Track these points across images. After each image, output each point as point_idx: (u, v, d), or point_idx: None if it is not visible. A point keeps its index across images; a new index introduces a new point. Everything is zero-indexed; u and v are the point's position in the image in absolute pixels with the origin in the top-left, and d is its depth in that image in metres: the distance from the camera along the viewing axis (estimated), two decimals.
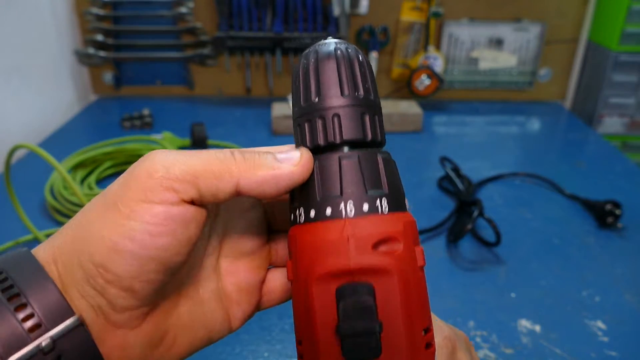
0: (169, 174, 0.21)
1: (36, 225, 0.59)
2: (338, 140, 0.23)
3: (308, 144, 0.24)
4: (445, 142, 0.93)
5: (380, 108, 0.24)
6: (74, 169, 0.74)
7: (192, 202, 0.22)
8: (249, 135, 0.91)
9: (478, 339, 0.48)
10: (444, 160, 0.75)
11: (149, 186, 0.21)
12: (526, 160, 0.87)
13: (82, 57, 1.01)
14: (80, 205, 0.62)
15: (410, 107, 0.96)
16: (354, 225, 0.21)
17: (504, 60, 1.07)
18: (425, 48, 1.00)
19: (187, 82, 1.09)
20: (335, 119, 0.23)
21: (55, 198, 0.67)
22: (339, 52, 0.24)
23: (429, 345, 0.22)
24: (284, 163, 0.23)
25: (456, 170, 0.74)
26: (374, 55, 1.01)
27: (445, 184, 0.74)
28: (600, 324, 0.50)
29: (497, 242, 0.58)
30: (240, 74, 1.07)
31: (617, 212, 0.64)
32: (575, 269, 0.58)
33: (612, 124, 1.05)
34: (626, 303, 0.53)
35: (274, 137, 0.91)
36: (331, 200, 0.22)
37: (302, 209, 0.23)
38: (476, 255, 0.60)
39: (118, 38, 1.03)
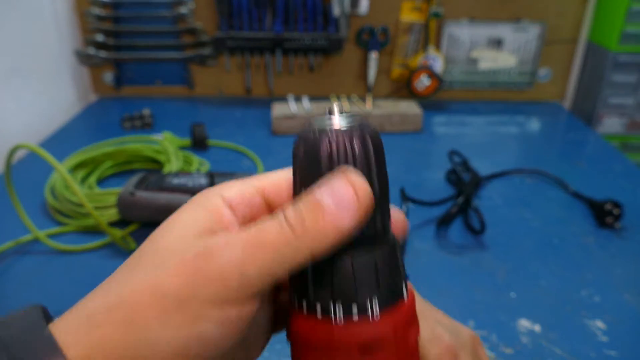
0: (244, 280, 0.19)
1: (36, 225, 0.59)
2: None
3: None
4: (445, 142, 0.93)
5: (387, 196, 0.23)
6: (74, 169, 0.74)
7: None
8: (249, 135, 0.91)
9: None
10: (452, 154, 0.78)
11: (223, 294, 0.19)
12: (526, 161, 0.87)
13: (83, 58, 1.01)
14: (80, 205, 0.63)
15: (410, 107, 0.96)
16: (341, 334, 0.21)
17: (503, 61, 1.07)
18: (425, 48, 1.01)
19: (187, 82, 1.09)
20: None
21: (55, 198, 0.67)
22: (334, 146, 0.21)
23: None
24: (340, 209, 0.20)
25: (465, 163, 0.77)
26: (373, 56, 1.01)
27: (452, 177, 0.76)
28: (600, 323, 0.50)
29: (482, 230, 0.61)
30: (240, 74, 1.07)
31: (617, 212, 0.64)
32: (575, 269, 0.58)
33: (611, 124, 1.05)
34: (626, 303, 0.53)
35: (274, 137, 0.91)
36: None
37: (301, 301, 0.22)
38: (464, 242, 0.61)
39: (118, 38, 1.03)
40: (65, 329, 0.19)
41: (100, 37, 1.01)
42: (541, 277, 0.57)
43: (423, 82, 0.98)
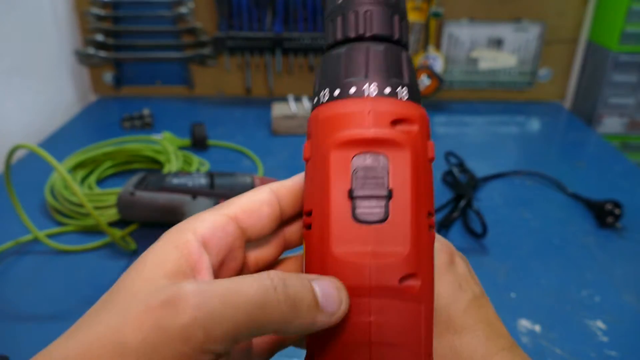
0: (209, 338, 0.18)
1: (36, 225, 0.59)
2: (368, 34, 0.24)
3: (339, 35, 0.25)
4: (445, 142, 0.93)
5: (407, 17, 0.26)
6: (74, 169, 0.74)
7: None
8: (249, 135, 0.91)
9: None
10: (448, 155, 0.77)
11: (185, 352, 0.18)
12: (526, 161, 0.87)
13: (82, 57, 1.01)
14: (80, 205, 0.63)
15: None
16: (375, 102, 0.23)
17: (503, 61, 1.07)
18: (425, 48, 1.01)
19: (187, 82, 1.09)
20: (368, 14, 0.24)
21: (55, 198, 0.67)
22: None
23: (432, 228, 0.24)
24: (325, 309, 0.21)
25: (461, 164, 0.76)
26: None
27: (448, 178, 0.75)
28: (600, 323, 0.50)
29: (484, 233, 0.60)
30: (240, 74, 1.07)
31: (617, 211, 0.64)
32: (575, 269, 0.58)
33: (611, 124, 1.05)
34: (626, 303, 0.53)
35: (274, 137, 0.91)
36: (356, 81, 0.23)
37: (327, 90, 0.24)
38: (465, 245, 0.61)
39: (118, 38, 1.03)
40: None
41: (100, 37, 1.01)
42: (541, 277, 0.57)
43: (423, 82, 0.98)
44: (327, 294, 0.21)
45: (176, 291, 0.19)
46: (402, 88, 0.23)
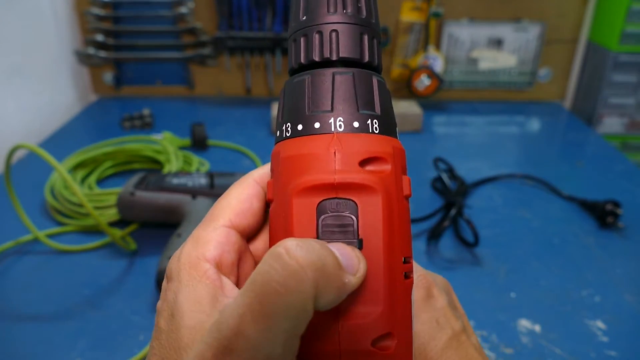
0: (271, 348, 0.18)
1: (36, 225, 0.59)
2: (334, 57, 0.22)
3: (302, 60, 0.22)
4: (445, 142, 0.93)
5: (379, 34, 0.24)
6: (74, 169, 0.74)
7: None
8: (248, 135, 0.91)
9: (478, 339, 0.48)
10: (437, 160, 0.74)
11: None
12: (526, 161, 0.87)
13: (83, 57, 1.01)
14: (80, 205, 0.63)
15: (410, 107, 0.96)
16: (342, 140, 0.21)
17: (503, 61, 1.07)
18: (425, 48, 1.01)
19: (187, 82, 1.09)
20: (333, 35, 0.22)
21: (55, 198, 0.67)
22: None
23: (407, 276, 0.22)
24: (347, 274, 0.19)
25: (450, 170, 0.74)
26: None
27: (438, 185, 0.74)
28: (600, 323, 0.50)
29: (475, 242, 0.58)
30: (240, 74, 1.07)
31: (618, 211, 0.64)
32: (575, 269, 0.58)
33: (611, 124, 1.05)
34: (626, 303, 0.53)
35: (274, 137, 0.91)
36: (321, 114, 0.21)
37: (289, 124, 0.22)
38: (455, 254, 0.60)
39: (118, 38, 1.03)
40: None
41: (100, 37, 1.01)
42: (541, 277, 0.57)
43: (423, 82, 0.98)
44: (344, 253, 0.20)
45: (223, 338, 0.18)
46: (372, 120, 0.21)
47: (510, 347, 0.47)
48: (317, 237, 0.20)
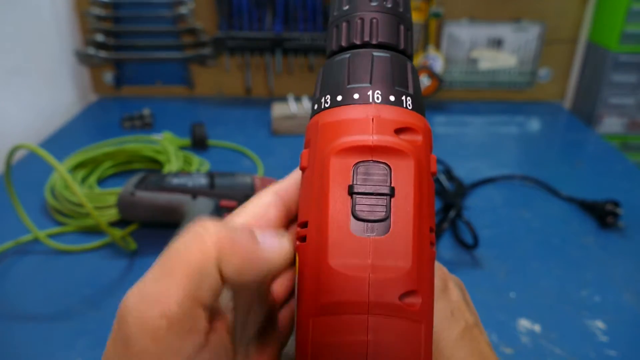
0: (173, 321, 0.18)
1: (36, 225, 0.59)
2: (374, 41, 0.24)
3: (343, 42, 0.24)
4: (445, 142, 0.93)
5: (412, 28, 0.26)
6: (74, 169, 0.74)
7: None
8: (249, 135, 0.91)
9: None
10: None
11: (164, 350, 0.18)
12: (526, 161, 0.87)
13: (83, 58, 1.01)
14: (80, 205, 0.63)
15: None
16: (379, 109, 0.22)
17: (503, 61, 1.07)
18: (425, 48, 1.01)
19: (187, 82, 1.09)
20: (374, 22, 0.24)
21: (55, 198, 0.67)
22: None
23: (433, 245, 0.22)
24: (262, 246, 0.21)
25: (448, 172, 0.74)
26: None
27: (435, 186, 0.73)
28: (600, 323, 0.50)
29: (475, 245, 0.58)
30: (240, 74, 1.07)
31: (617, 211, 0.64)
32: (575, 269, 0.58)
33: (611, 124, 1.05)
34: (626, 303, 0.53)
35: (274, 137, 0.91)
36: (360, 87, 0.23)
37: (328, 96, 0.23)
38: (454, 256, 0.60)
39: (118, 38, 1.03)
40: None
41: (100, 37, 1.01)
42: (541, 277, 0.57)
43: (423, 82, 0.98)
44: (266, 233, 0.21)
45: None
46: (406, 97, 0.23)
47: (510, 347, 0.47)
48: (351, 184, 0.21)
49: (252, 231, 0.21)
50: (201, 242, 0.19)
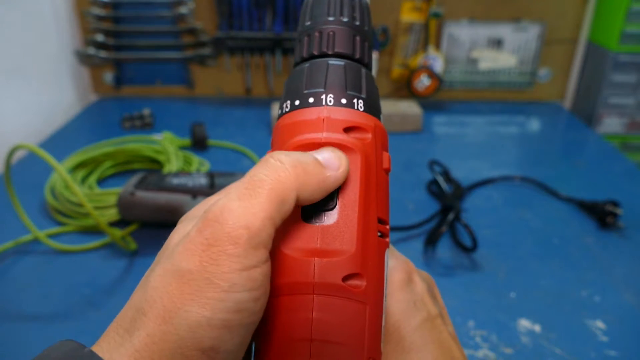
0: (252, 233, 0.20)
1: (36, 225, 0.59)
2: (330, 51, 0.26)
3: (304, 54, 0.27)
4: (445, 142, 0.93)
5: (371, 40, 0.28)
6: (74, 169, 0.74)
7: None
8: (248, 135, 0.91)
9: (478, 339, 0.48)
10: (432, 163, 0.73)
11: (240, 253, 0.20)
12: (526, 161, 0.87)
13: (83, 57, 1.01)
14: (80, 205, 0.63)
15: (410, 107, 0.96)
16: (331, 110, 0.25)
17: (503, 61, 1.07)
18: (425, 48, 1.01)
19: (187, 82, 1.09)
20: (331, 34, 0.27)
21: (55, 198, 0.67)
22: None
23: (382, 235, 0.24)
24: (329, 170, 0.23)
25: (446, 173, 0.73)
26: (374, 56, 1.01)
27: (433, 188, 0.73)
28: (600, 323, 0.50)
29: (474, 247, 0.58)
30: (240, 74, 1.07)
31: (617, 211, 0.64)
32: (575, 269, 0.58)
33: (611, 124, 1.05)
34: (626, 303, 0.53)
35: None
36: (315, 92, 0.25)
37: (289, 102, 0.26)
38: (453, 259, 0.60)
39: (118, 38, 1.03)
40: (107, 345, 0.20)
41: (100, 37, 1.01)
42: (541, 277, 0.57)
43: (423, 82, 0.98)
44: (325, 155, 0.23)
45: (208, 209, 0.21)
46: (359, 100, 0.25)
47: (510, 347, 0.47)
48: None
49: (315, 157, 0.23)
50: (282, 172, 0.21)
